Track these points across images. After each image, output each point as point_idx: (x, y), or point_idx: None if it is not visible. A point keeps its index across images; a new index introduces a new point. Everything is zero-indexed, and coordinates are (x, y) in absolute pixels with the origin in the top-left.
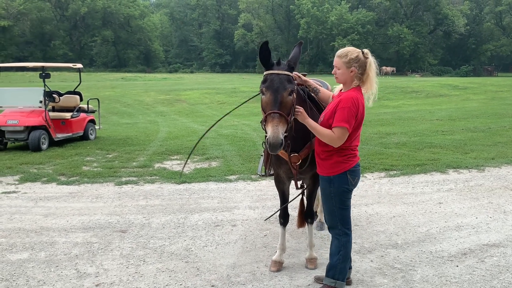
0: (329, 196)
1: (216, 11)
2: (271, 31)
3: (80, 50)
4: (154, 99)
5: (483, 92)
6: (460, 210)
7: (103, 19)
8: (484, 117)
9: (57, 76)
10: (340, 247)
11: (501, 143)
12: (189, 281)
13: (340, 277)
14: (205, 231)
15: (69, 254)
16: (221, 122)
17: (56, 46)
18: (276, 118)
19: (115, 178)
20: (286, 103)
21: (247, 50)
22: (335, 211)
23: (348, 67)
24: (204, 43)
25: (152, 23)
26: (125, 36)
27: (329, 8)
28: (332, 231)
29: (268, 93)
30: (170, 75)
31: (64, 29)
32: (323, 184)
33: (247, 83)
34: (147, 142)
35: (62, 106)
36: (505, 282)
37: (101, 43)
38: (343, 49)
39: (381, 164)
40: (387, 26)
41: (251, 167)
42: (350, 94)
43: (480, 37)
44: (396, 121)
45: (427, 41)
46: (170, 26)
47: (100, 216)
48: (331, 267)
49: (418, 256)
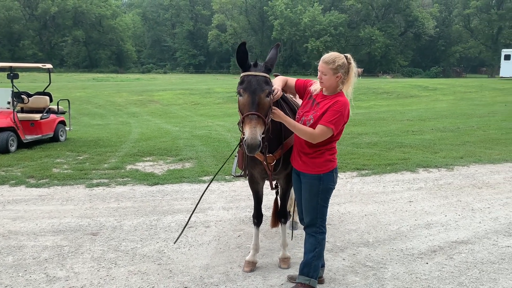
0: (316, 194)
1: (189, 11)
2: (245, 32)
3: (50, 50)
4: (126, 100)
5: (452, 93)
6: (429, 208)
7: (74, 19)
8: (453, 117)
9: (26, 77)
10: (316, 245)
11: (469, 143)
12: (161, 283)
13: (314, 275)
14: (178, 232)
15: (38, 258)
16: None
17: (25, 46)
18: (254, 119)
19: (86, 180)
20: (263, 105)
21: (221, 51)
22: (318, 209)
23: (334, 73)
24: (177, 43)
25: (124, 23)
26: (97, 36)
27: (302, 10)
28: (310, 229)
29: (245, 94)
30: (143, 76)
31: (33, 28)
32: (312, 182)
33: (221, 84)
34: (119, 144)
35: (31, 107)
36: (473, 278)
37: (72, 43)
38: (329, 55)
39: (353, 164)
40: (359, 28)
41: (225, 168)
42: (345, 100)
43: (449, 39)
44: (367, 121)
45: (398, 43)
46: (142, 26)
47: (70, 219)
48: (305, 264)
49: (389, 254)
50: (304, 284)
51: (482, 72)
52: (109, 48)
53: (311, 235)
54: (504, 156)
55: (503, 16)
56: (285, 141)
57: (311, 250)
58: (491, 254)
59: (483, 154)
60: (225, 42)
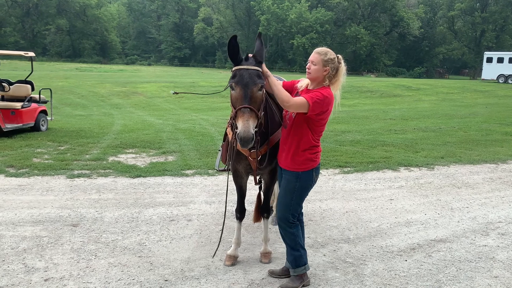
0: (292, 191)
1: (175, 3)
2: (231, 26)
3: (33, 38)
4: (109, 91)
5: (434, 94)
6: (410, 206)
7: (57, 7)
8: (435, 118)
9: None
10: (296, 238)
11: (450, 143)
12: (142, 275)
13: (305, 261)
14: (159, 225)
15: (16, 249)
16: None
17: (6, 33)
18: (246, 112)
19: (67, 171)
20: (256, 98)
21: (206, 44)
22: (292, 206)
23: (324, 65)
24: (162, 35)
25: (109, 13)
26: (81, 25)
27: (289, 6)
28: (282, 223)
29: (238, 88)
30: (126, 67)
31: (16, 15)
32: (289, 179)
33: (206, 78)
34: (101, 135)
35: (12, 96)
36: (450, 275)
37: (55, 31)
38: (322, 48)
39: (335, 161)
40: (345, 26)
41: (208, 162)
42: (330, 92)
43: (433, 40)
44: (351, 119)
45: (383, 42)
46: (128, 17)
47: (50, 209)
48: (295, 257)
49: (369, 250)
50: (301, 275)
51: (465, 74)
52: (93, 38)
53: (286, 230)
54: (484, 157)
55: (486, 19)
56: (271, 137)
57: (293, 246)
58: (468, 253)
59: (463, 155)
60: (211, 36)
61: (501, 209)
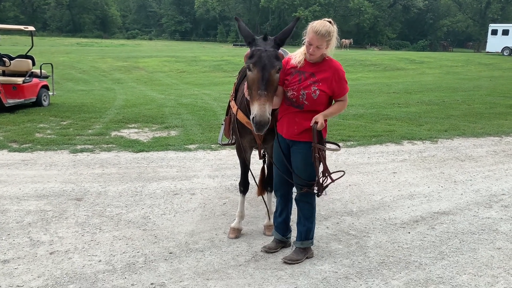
0: (311, 162)
1: None
2: None
3: (33, 13)
4: (110, 66)
5: (438, 67)
6: (413, 179)
7: None
8: (438, 91)
9: (7, 40)
10: (312, 210)
11: (453, 116)
12: (146, 248)
13: (313, 234)
14: (163, 199)
15: (21, 222)
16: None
17: (6, 8)
18: (263, 96)
19: (70, 146)
20: (273, 81)
21: (208, 18)
22: (314, 175)
23: (327, 43)
24: (163, 9)
25: None
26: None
27: None
28: (306, 197)
29: (255, 69)
30: (127, 42)
31: None
32: (307, 152)
33: (208, 52)
34: (103, 110)
35: (13, 71)
36: (453, 247)
37: (55, 6)
38: (322, 27)
39: (339, 135)
40: None
41: (211, 137)
42: (339, 64)
43: (438, 12)
44: (354, 93)
45: (387, 14)
46: None
47: (54, 184)
48: (308, 229)
49: (372, 223)
50: (307, 248)
51: (469, 46)
52: (93, 12)
53: (307, 202)
54: (487, 130)
55: None
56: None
57: (310, 215)
58: (471, 225)
59: (467, 128)
60: (212, 9)
61: (504, 181)
